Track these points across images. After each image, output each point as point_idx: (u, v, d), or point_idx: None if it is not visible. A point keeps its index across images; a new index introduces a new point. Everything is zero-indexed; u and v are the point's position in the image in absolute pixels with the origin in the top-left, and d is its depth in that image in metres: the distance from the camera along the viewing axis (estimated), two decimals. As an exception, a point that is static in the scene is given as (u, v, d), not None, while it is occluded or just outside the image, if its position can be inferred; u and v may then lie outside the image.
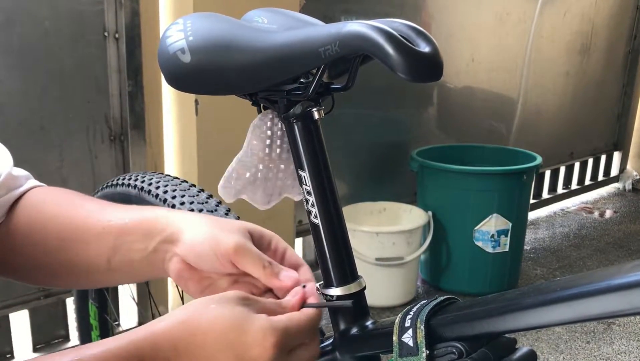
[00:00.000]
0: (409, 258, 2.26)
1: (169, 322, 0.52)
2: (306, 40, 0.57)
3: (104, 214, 0.66)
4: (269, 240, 0.63)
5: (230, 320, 0.51)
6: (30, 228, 0.68)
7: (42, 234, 0.67)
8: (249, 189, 0.66)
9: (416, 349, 0.51)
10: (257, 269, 0.58)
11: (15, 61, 1.56)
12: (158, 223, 0.63)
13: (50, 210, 0.68)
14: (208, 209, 0.80)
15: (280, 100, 0.64)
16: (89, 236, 0.65)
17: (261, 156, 0.66)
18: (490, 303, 0.50)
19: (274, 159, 0.66)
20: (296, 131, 0.64)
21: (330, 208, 0.64)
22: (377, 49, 0.52)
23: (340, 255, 0.64)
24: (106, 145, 1.76)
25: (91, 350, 0.50)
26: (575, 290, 0.43)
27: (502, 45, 2.94)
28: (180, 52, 0.63)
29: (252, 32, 0.63)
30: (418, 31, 0.56)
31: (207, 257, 0.59)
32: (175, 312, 0.53)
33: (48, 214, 0.68)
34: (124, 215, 0.65)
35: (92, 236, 0.65)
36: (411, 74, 0.52)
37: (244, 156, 0.66)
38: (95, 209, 0.67)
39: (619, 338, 2.12)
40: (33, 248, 0.68)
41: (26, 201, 0.70)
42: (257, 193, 0.66)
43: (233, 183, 0.66)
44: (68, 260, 0.66)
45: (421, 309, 0.53)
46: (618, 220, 3.40)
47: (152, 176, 0.89)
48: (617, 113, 3.86)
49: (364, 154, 2.54)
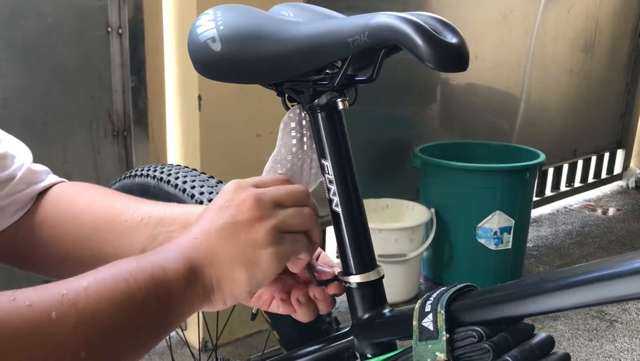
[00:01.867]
0: (412, 255, 2.26)
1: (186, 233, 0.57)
2: (335, 30, 0.58)
3: (142, 207, 0.69)
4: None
5: (226, 189, 0.58)
6: (60, 220, 0.70)
7: (74, 225, 0.69)
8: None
9: (436, 333, 0.51)
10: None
11: (19, 56, 1.56)
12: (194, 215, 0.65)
13: (83, 202, 0.70)
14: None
15: (306, 90, 0.65)
16: (126, 227, 0.67)
17: (294, 151, 0.67)
18: (510, 288, 0.51)
19: (306, 151, 0.68)
20: (320, 121, 0.65)
21: (352, 197, 0.65)
22: (406, 40, 0.53)
23: (359, 243, 0.65)
24: (109, 140, 1.76)
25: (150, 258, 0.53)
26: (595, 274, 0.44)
27: (505, 42, 2.93)
28: (210, 40, 0.65)
29: (280, 23, 0.64)
30: (445, 23, 0.58)
31: None
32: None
33: (81, 206, 0.70)
34: (165, 208, 0.68)
35: (128, 227, 0.67)
36: (439, 64, 0.53)
37: (277, 154, 0.67)
38: (130, 203, 0.70)
39: (621, 336, 2.12)
40: (62, 240, 0.69)
41: (54, 194, 0.72)
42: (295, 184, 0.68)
43: None
44: (99, 250, 0.68)
45: (442, 295, 0.54)
46: (621, 218, 3.39)
47: (171, 167, 0.92)
48: (621, 111, 3.86)
49: (367, 151, 2.54)
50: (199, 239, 0.54)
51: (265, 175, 0.67)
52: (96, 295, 0.47)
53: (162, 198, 0.90)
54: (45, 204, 0.71)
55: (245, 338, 2.01)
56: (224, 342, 1.98)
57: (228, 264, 0.54)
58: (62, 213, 0.70)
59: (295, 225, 0.57)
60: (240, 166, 1.84)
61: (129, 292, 0.48)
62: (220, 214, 0.56)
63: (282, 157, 0.67)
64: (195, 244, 0.54)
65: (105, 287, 0.48)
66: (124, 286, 0.48)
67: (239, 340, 2.00)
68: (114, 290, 0.48)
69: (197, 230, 0.55)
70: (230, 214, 0.55)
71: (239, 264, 0.54)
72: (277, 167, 0.67)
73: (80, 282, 0.48)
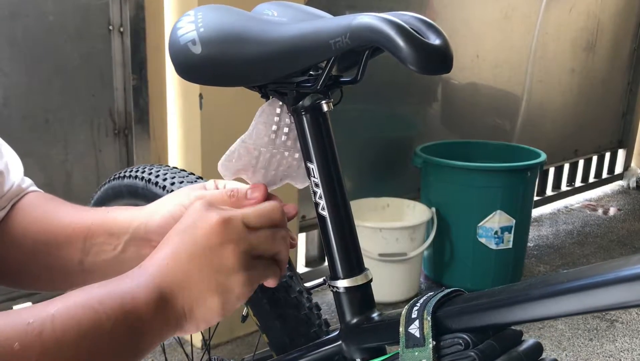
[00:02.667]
0: (412, 254, 2.26)
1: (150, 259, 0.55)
2: (316, 32, 0.57)
3: (74, 217, 0.67)
4: (223, 185, 0.66)
5: (192, 210, 0.56)
6: (17, 232, 0.69)
7: (23, 238, 0.69)
8: (250, 170, 0.67)
9: (423, 340, 0.51)
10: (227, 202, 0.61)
11: (20, 54, 1.56)
12: (120, 221, 0.64)
13: (34, 215, 0.70)
14: (214, 201, 0.80)
15: (290, 92, 0.64)
16: (61, 239, 0.66)
17: (265, 140, 0.66)
18: (497, 295, 0.50)
19: (278, 145, 0.67)
20: (305, 123, 0.64)
21: (338, 200, 0.64)
22: (387, 41, 0.52)
23: (347, 247, 0.65)
24: (110, 139, 1.76)
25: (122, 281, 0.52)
26: (583, 281, 0.43)
27: (507, 41, 2.93)
28: (191, 43, 0.64)
29: (262, 24, 0.63)
30: (428, 24, 0.56)
31: None
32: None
33: (31, 219, 0.69)
34: (90, 217, 0.67)
35: (63, 239, 0.66)
36: (421, 66, 0.51)
37: (247, 138, 0.66)
38: (68, 214, 0.68)
39: (621, 336, 2.11)
40: (18, 252, 0.69)
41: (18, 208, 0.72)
42: (257, 174, 0.67)
43: (234, 162, 0.66)
44: (46, 263, 0.68)
45: (428, 301, 0.53)
46: (622, 218, 3.39)
47: (160, 168, 0.90)
48: (622, 111, 3.86)
49: (367, 150, 2.54)
50: (169, 263, 0.53)
51: (227, 154, 0.66)
52: (63, 325, 0.45)
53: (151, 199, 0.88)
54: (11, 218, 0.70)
55: (246, 337, 2.01)
56: (224, 340, 1.98)
57: (200, 290, 0.53)
58: (19, 226, 0.70)
59: (266, 250, 0.56)
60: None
61: (98, 321, 0.47)
62: (189, 237, 0.54)
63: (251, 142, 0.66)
64: (166, 269, 0.53)
65: (73, 315, 0.46)
66: (93, 315, 0.47)
67: (239, 338, 2.01)
68: (81, 319, 0.46)
69: (166, 252, 0.54)
70: (200, 236, 0.53)
71: (211, 291, 0.53)
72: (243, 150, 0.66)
73: (48, 309, 0.46)
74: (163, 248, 0.54)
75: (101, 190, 1.02)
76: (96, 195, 1.04)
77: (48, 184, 1.64)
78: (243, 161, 0.66)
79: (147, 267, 0.53)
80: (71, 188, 1.69)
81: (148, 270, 0.53)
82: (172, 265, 0.53)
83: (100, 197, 1.02)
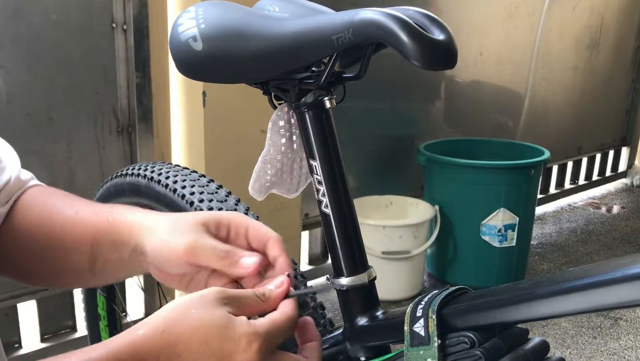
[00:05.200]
0: (416, 252, 2.25)
1: (148, 332, 0.50)
2: (319, 28, 0.56)
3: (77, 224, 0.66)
4: (227, 225, 0.60)
5: (212, 327, 0.50)
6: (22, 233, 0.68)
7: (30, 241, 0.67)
8: (277, 183, 0.66)
9: (428, 339, 0.50)
10: (216, 263, 0.57)
11: (24, 52, 1.56)
12: (122, 234, 0.63)
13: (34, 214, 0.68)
14: (218, 199, 0.80)
15: (292, 89, 0.64)
16: (68, 246, 0.65)
17: (283, 150, 0.66)
18: (502, 293, 0.50)
19: (295, 149, 0.66)
20: (307, 120, 0.64)
21: (341, 198, 0.64)
22: (390, 37, 0.51)
23: (350, 245, 0.64)
24: (114, 136, 1.76)
25: (69, 359, 0.48)
26: (590, 280, 0.43)
27: (510, 39, 2.92)
28: (192, 39, 0.63)
29: (264, 20, 0.62)
30: (432, 19, 0.55)
31: (168, 263, 0.59)
32: (154, 320, 0.51)
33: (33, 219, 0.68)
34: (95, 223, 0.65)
35: (70, 246, 0.65)
36: (425, 61, 0.51)
37: (266, 154, 0.66)
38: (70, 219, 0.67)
39: (625, 334, 2.11)
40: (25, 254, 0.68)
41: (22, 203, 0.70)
42: (285, 184, 0.67)
43: (262, 182, 0.66)
44: (55, 267, 0.67)
45: (433, 299, 0.53)
46: (625, 216, 3.38)
47: (162, 166, 0.89)
48: (626, 108, 3.84)
49: (371, 148, 2.53)
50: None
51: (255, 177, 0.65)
52: None
53: (153, 198, 0.88)
54: (14, 214, 0.69)
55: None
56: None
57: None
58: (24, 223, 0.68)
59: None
60: (244, 162, 1.83)
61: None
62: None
63: (271, 158, 0.66)
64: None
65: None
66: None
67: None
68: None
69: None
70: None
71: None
72: (267, 167, 0.66)
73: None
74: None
75: (104, 187, 1.01)
76: (99, 192, 1.03)
77: (51, 181, 1.64)
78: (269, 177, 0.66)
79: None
80: (74, 186, 1.69)
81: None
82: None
83: (103, 194, 1.01)
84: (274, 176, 0.66)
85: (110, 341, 0.50)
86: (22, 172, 0.72)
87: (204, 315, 0.50)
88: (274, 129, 0.66)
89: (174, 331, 0.50)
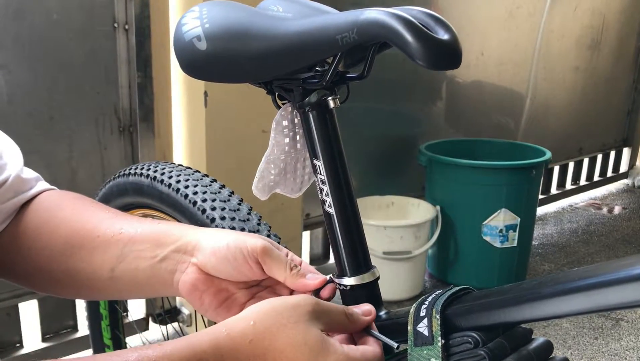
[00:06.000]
0: (417, 252, 2.25)
1: (235, 337, 0.48)
2: (323, 27, 0.56)
3: (116, 222, 0.65)
4: (286, 252, 0.61)
5: (304, 346, 0.48)
6: (38, 231, 0.67)
7: (50, 239, 0.66)
8: (281, 182, 0.67)
9: (431, 338, 0.50)
10: (284, 271, 0.58)
11: (25, 52, 1.56)
12: (172, 233, 0.62)
13: (62, 215, 0.67)
14: (221, 199, 0.80)
15: (296, 89, 0.64)
16: (97, 243, 0.64)
17: (286, 150, 0.66)
18: (506, 293, 0.50)
19: (299, 149, 0.67)
20: (311, 120, 0.64)
21: (345, 197, 0.64)
22: (395, 37, 0.51)
23: (354, 245, 0.64)
24: (115, 136, 1.76)
25: (148, 350, 0.47)
26: (593, 280, 0.43)
27: (511, 39, 2.92)
28: (196, 39, 0.63)
29: (268, 19, 0.62)
30: (436, 18, 0.55)
31: (232, 259, 0.58)
32: (242, 324, 0.49)
33: (59, 219, 0.67)
34: (137, 225, 0.64)
35: (99, 244, 0.64)
36: (430, 61, 0.51)
37: (269, 154, 0.66)
38: (106, 218, 0.66)
39: (627, 335, 2.11)
40: (39, 252, 0.67)
41: (37, 205, 0.69)
42: (288, 184, 0.67)
43: (266, 181, 0.66)
44: (72, 267, 0.65)
45: (437, 298, 0.53)
46: (627, 216, 3.38)
47: (165, 166, 0.89)
48: (627, 109, 3.84)
49: (372, 148, 2.53)
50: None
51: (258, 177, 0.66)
52: None
53: (156, 197, 0.88)
54: (27, 215, 0.68)
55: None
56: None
57: None
58: (41, 224, 0.67)
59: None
60: (246, 162, 1.83)
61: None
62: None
63: (275, 157, 0.66)
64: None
65: None
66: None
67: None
68: None
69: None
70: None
71: None
72: (271, 167, 0.66)
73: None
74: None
75: (106, 187, 1.01)
76: (101, 192, 1.03)
77: (53, 181, 1.63)
78: (273, 177, 0.66)
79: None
80: (76, 186, 1.69)
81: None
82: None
83: (105, 194, 1.01)
84: (277, 175, 0.66)
85: (192, 337, 0.48)
86: (25, 171, 0.72)
87: (297, 333, 0.48)
88: (278, 128, 0.66)
89: (263, 343, 0.48)
